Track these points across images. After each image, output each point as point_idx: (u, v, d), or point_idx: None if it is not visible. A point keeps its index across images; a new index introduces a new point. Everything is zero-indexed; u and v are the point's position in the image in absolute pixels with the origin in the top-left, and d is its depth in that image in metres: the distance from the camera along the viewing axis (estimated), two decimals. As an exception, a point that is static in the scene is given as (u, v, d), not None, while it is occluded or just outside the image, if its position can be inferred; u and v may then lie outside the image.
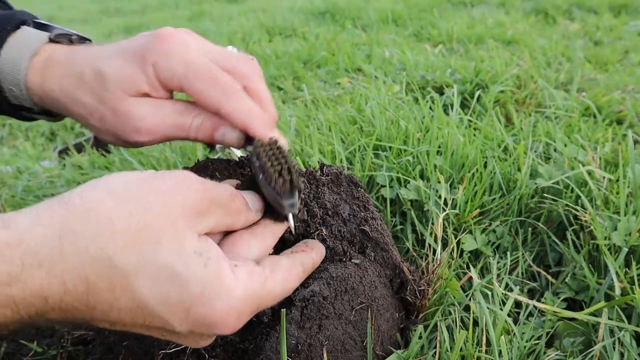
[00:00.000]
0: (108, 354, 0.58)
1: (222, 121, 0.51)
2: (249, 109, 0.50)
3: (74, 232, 0.33)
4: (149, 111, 0.51)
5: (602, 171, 0.84)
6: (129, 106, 0.50)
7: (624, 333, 0.59)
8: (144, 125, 0.51)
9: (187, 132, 0.52)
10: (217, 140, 0.53)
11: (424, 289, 0.62)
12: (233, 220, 0.43)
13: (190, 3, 4.50)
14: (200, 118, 0.52)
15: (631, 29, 2.09)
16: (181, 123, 0.52)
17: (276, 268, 0.43)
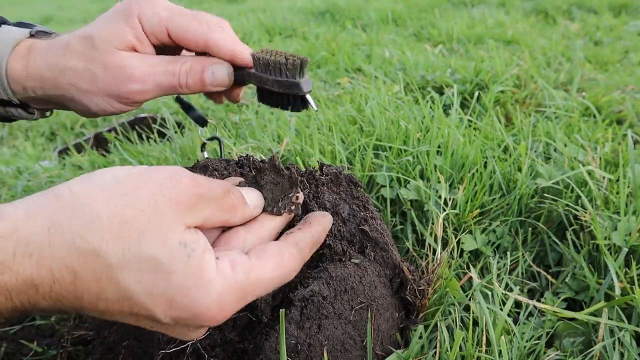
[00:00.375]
0: (108, 354, 0.58)
1: (209, 60, 0.54)
2: (234, 38, 0.54)
3: (62, 224, 0.34)
4: (139, 61, 0.53)
5: (602, 171, 0.84)
6: (119, 58, 0.52)
7: (624, 333, 0.59)
8: (137, 71, 0.52)
9: (177, 77, 0.53)
10: (207, 82, 0.54)
11: (424, 288, 0.62)
12: (228, 216, 0.42)
13: (190, 3, 4.50)
14: (188, 63, 0.54)
15: (631, 29, 2.09)
16: (171, 69, 0.53)
17: (263, 255, 0.42)
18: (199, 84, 0.54)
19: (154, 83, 0.53)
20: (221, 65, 0.55)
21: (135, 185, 0.36)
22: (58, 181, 1.20)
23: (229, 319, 0.52)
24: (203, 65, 0.54)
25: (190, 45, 0.54)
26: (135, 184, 0.36)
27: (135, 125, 1.57)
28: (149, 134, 1.38)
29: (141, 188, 0.36)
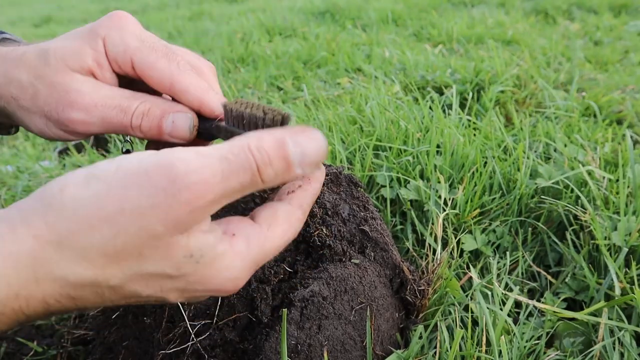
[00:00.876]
0: (108, 354, 0.58)
1: (172, 106, 0.47)
2: (204, 85, 0.47)
3: (47, 262, 0.32)
4: (89, 88, 0.46)
5: (602, 171, 0.84)
6: (69, 80, 0.46)
7: (624, 333, 0.59)
8: (81, 100, 0.45)
9: (129, 117, 0.46)
10: (165, 131, 0.46)
11: (424, 288, 0.62)
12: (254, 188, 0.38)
13: (190, 3, 4.50)
14: (147, 103, 0.46)
15: (631, 29, 2.09)
16: (125, 106, 0.46)
17: (274, 223, 0.40)
18: (154, 130, 0.47)
19: (100, 116, 0.46)
20: (184, 115, 0.46)
21: (119, 208, 0.32)
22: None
23: (230, 319, 0.52)
24: (164, 111, 0.46)
25: (154, 85, 0.47)
26: (119, 205, 0.32)
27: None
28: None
29: (127, 212, 0.32)
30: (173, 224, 0.32)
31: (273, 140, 0.35)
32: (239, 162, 0.33)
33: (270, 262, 0.55)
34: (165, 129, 0.46)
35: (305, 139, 0.36)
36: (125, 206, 0.31)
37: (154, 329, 0.53)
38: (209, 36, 2.55)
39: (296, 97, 1.55)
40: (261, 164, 0.34)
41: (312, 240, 0.57)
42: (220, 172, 0.33)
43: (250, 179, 0.34)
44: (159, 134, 0.47)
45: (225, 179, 0.33)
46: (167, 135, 0.47)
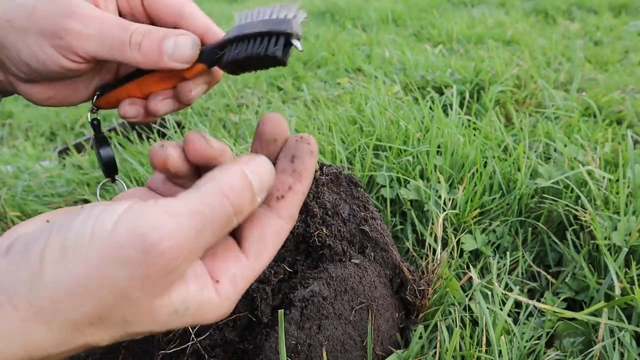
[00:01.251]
0: (108, 354, 0.58)
1: (174, 31, 0.44)
2: (200, 14, 0.48)
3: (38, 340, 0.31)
4: (91, 6, 0.44)
5: (602, 171, 0.84)
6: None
7: (624, 333, 0.59)
8: (81, 10, 0.43)
9: (129, 34, 0.44)
10: (165, 52, 0.43)
11: (424, 288, 0.62)
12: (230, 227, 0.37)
13: (190, 3, 4.51)
14: (149, 27, 0.44)
15: (631, 29, 2.09)
16: (126, 25, 0.44)
17: (263, 249, 0.38)
18: (154, 53, 0.44)
19: (99, 29, 0.43)
20: (187, 36, 0.44)
21: (99, 284, 0.31)
22: (58, 181, 1.20)
23: (230, 319, 0.52)
24: (165, 33, 0.44)
25: (162, 15, 0.47)
26: (98, 282, 0.31)
27: (135, 125, 1.57)
28: (149, 134, 1.38)
29: (106, 287, 0.31)
30: (152, 290, 0.32)
31: (239, 178, 0.34)
32: (214, 214, 0.33)
33: (270, 262, 0.55)
34: (165, 49, 0.44)
35: (257, 165, 0.35)
36: (104, 282, 0.31)
37: (154, 329, 0.53)
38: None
39: (296, 97, 1.55)
40: (237, 207, 0.33)
41: (312, 240, 0.57)
42: (194, 230, 0.32)
43: (226, 224, 0.34)
44: (158, 56, 0.44)
45: (198, 235, 0.32)
46: (168, 58, 0.44)
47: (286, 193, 0.40)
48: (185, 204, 0.32)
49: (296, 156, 0.43)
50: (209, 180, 0.34)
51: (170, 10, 0.47)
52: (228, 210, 0.33)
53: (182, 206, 0.32)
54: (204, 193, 0.33)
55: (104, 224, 0.31)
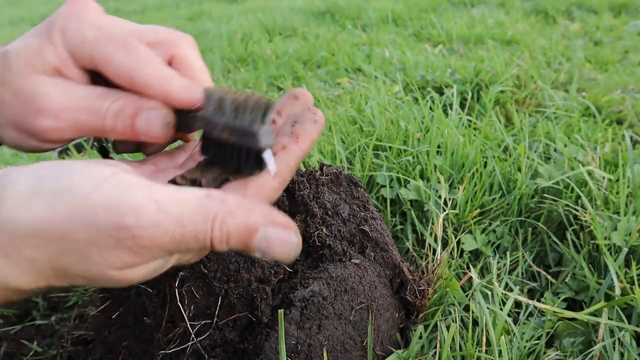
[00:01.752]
0: (108, 354, 0.58)
1: (145, 103, 0.41)
2: (168, 74, 0.41)
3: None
4: (57, 91, 0.41)
5: (602, 171, 0.84)
6: (34, 84, 0.40)
7: (624, 333, 0.59)
8: (49, 105, 0.40)
9: (103, 119, 0.41)
10: (139, 130, 0.41)
11: (424, 288, 0.62)
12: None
13: (190, 3, 4.50)
14: (120, 102, 0.41)
15: (631, 29, 2.09)
16: (97, 106, 0.41)
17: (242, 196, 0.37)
18: (129, 130, 0.41)
19: (72, 120, 0.41)
20: (157, 112, 0.41)
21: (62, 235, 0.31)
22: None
23: (230, 319, 0.52)
24: (137, 108, 0.41)
25: (115, 80, 0.41)
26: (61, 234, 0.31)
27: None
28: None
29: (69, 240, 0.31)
30: (113, 262, 0.31)
31: (244, 224, 0.32)
32: (193, 232, 0.32)
33: (270, 262, 0.55)
34: (139, 128, 0.41)
35: (278, 239, 0.33)
36: (68, 236, 0.30)
37: (154, 329, 0.53)
38: (209, 36, 2.55)
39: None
40: (217, 242, 0.32)
41: (312, 240, 0.57)
42: (171, 237, 0.31)
43: (200, 247, 0.33)
44: (134, 134, 0.41)
45: (174, 244, 0.32)
46: (142, 135, 0.41)
47: (279, 151, 0.40)
48: (177, 205, 0.32)
49: (298, 122, 0.43)
50: (217, 203, 0.32)
51: (120, 78, 0.41)
52: (206, 238, 0.32)
53: (174, 207, 0.31)
54: (199, 210, 0.32)
55: (84, 182, 0.31)
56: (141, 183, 0.32)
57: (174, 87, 0.41)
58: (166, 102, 0.41)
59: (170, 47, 0.44)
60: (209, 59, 2.05)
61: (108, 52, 0.40)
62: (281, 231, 0.33)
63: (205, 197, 0.32)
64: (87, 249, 0.31)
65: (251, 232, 0.32)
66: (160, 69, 0.41)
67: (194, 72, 0.44)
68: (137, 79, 0.40)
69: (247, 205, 0.33)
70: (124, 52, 0.40)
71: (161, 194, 0.32)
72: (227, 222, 0.32)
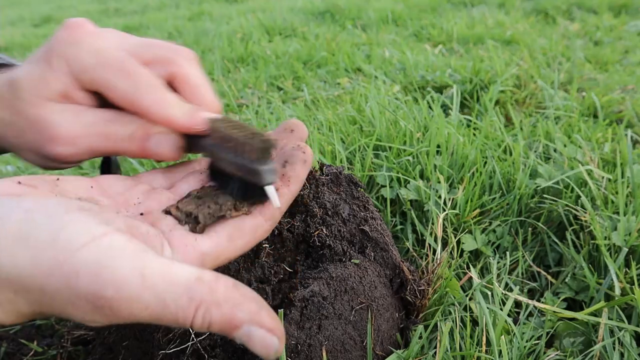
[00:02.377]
0: (108, 354, 0.58)
1: (155, 127, 0.43)
2: (168, 100, 0.41)
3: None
4: (69, 118, 0.42)
5: (602, 171, 0.84)
6: (45, 112, 0.41)
7: (624, 333, 0.59)
8: (62, 133, 0.41)
9: (115, 142, 0.42)
10: (151, 152, 0.43)
11: (424, 288, 0.62)
12: None
13: (190, 3, 4.50)
14: (131, 126, 0.42)
15: (631, 29, 2.09)
16: (108, 132, 0.42)
17: (238, 237, 0.39)
18: (142, 152, 0.43)
19: (86, 146, 0.42)
20: (167, 136, 0.42)
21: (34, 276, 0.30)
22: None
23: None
24: (147, 133, 0.42)
25: (120, 105, 0.42)
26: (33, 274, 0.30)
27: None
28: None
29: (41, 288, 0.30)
30: (91, 319, 0.31)
31: (228, 318, 0.31)
32: (174, 314, 0.31)
33: (270, 262, 0.55)
34: (150, 150, 0.43)
35: (259, 341, 0.32)
36: (46, 291, 0.30)
37: (154, 329, 0.53)
38: (209, 36, 2.55)
39: (296, 97, 1.55)
40: (197, 326, 0.31)
41: (312, 240, 0.57)
42: (149, 313, 0.30)
43: (178, 326, 0.32)
44: (146, 155, 0.43)
45: (152, 318, 0.31)
46: (154, 155, 0.43)
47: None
48: (164, 283, 0.30)
49: (289, 162, 0.45)
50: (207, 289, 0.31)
51: (124, 104, 0.42)
52: (186, 321, 0.31)
53: (160, 284, 0.30)
54: (184, 293, 0.31)
55: (71, 239, 0.30)
56: (131, 250, 0.31)
57: (175, 115, 0.41)
58: (169, 127, 0.42)
59: (170, 65, 0.44)
60: (208, 59, 2.05)
61: (107, 78, 0.41)
62: (264, 333, 0.31)
63: (195, 281, 0.31)
64: (64, 305, 0.30)
65: (233, 327, 0.31)
66: (160, 95, 0.41)
67: (196, 90, 0.45)
68: (138, 106, 0.41)
69: (235, 300, 0.31)
70: (123, 78, 0.41)
71: (150, 267, 0.30)
72: (211, 312, 0.31)
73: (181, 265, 0.32)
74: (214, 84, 1.73)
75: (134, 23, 3.59)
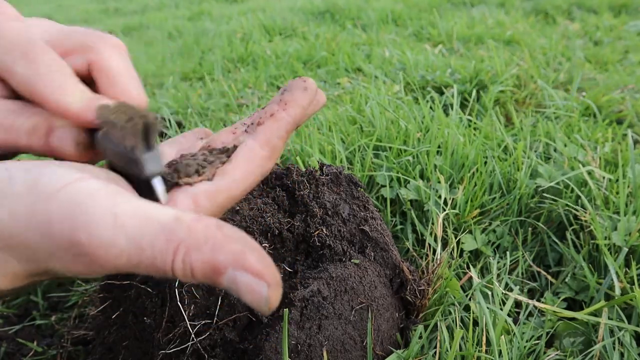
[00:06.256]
0: (108, 354, 0.58)
1: (58, 121, 0.37)
2: (66, 87, 0.36)
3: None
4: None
5: (602, 171, 0.84)
6: None
7: (624, 333, 0.59)
8: None
9: (16, 136, 0.37)
10: (54, 148, 0.37)
11: (424, 288, 0.62)
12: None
13: (190, 3, 4.50)
14: (33, 119, 0.37)
15: (631, 29, 2.09)
16: (9, 123, 0.37)
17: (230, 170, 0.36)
18: (44, 149, 0.37)
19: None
20: (68, 130, 0.36)
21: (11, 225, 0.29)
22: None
23: (230, 319, 0.52)
24: (50, 126, 0.37)
25: (21, 94, 0.37)
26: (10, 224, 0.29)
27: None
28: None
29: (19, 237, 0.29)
30: (71, 268, 0.29)
31: (209, 262, 0.27)
32: (151, 259, 0.28)
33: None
34: (53, 144, 0.37)
35: (245, 286, 0.27)
36: (27, 244, 0.29)
37: (154, 329, 0.53)
38: (209, 36, 2.55)
39: (296, 97, 1.55)
40: (179, 274, 0.28)
41: (312, 240, 0.57)
42: (127, 259, 0.28)
43: (161, 275, 0.29)
44: (50, 152, 0.37)
45: (132, 267, 0.28)
46: (59, 153, 0.37)
47: (266, 119, 0.38)
48: (138, 224, 0.28)
49: (287, 90, 0.41)
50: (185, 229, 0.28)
51: (21, 91, 0.37)
52: (166, 266, 0.28)
53: (134, 224, 0.28)
54: (162, 235, 0.28)
55: (45, 186, 0.29)
56: (106, 190, 0.29)
57: (69, 103, 0.36)
58: (66, 119, 0.37)
59: (88, 52, 0.39)
60: (208, 59, 2.05)
61: (8, 62, 0.36)
62: (250, 278, 0.27)
63: (173, 221, 0.28)
64: (47, 259, 0.29)
65: (217, 272, 0.27)
66: (60, 83, 0.36)
67: (115, 80, 0.39)
68: (36, 93, 0.36)
69: (217, 241, 0.28)
70: (25, 61, 0.36)
71: (124, 205, 0.28)
72: (190, 255, 0.27)
73: (158, 206, 0.29)
74: (214, 84, 1.73)
75: (134, 23, 3.59)
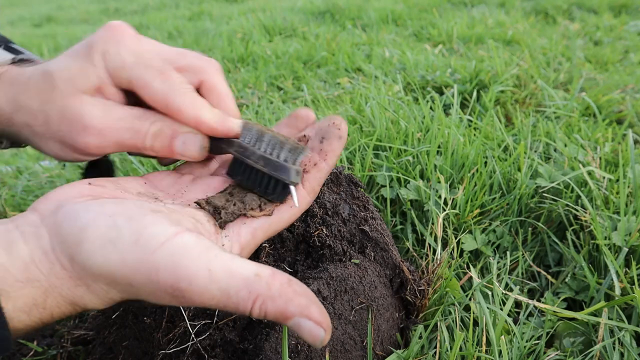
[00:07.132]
0: (108, 354, 0.58)
1: (182, 127, 0.46)
2: (200, 103, 0.45)
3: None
4: (100, 110, 0.45)
5: (602, 171, 0.84)
6: (79, 103, 0.44)
7: (624, 333, 0.59)
8: (94, 123, 0.44)
9: (143, 138, 0.45)
10: (176, 151, 0.46)
11: (424, 288, 0.62)
12: None
13: (190, 3, 4.50)
14: (158, 124, 0.45)
15: (631, 29, 2.09)
16: (137, 127, 0.45)
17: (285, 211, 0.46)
18: (166, 150, 0.46)
19: (114, 139, 0.45)
20: (194, 136, 0.46)
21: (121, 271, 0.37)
22: (58, 181, 1.20)
23: (230, 319, 0.52)
24: (174, 131, 0.46)
25: (151, 104, 0.45)
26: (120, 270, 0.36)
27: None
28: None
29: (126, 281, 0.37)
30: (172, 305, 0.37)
31: (281, 310, 0.36)
32: (236, 304, 0.35)
33: (270, 262, 0.55)
34: (176, 149, 0.46)
35: (307, 331, 0.36)
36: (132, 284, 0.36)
37: (154, 329, 0.53)
38: (209, 36, 2.54)
39: (296, 97, 1.55)
40: (254, 315, 0.36)
41: (312, 240, 0.57)
42: (216, 302, 0.35)
43: (237, 311, 0.36)
44: (171, 153, 0.46)
45: (218, 306, 0.36)
46: (179, 155, 0.46)
47: (311, 168, 0.47)
48: (228, 277, 0.35)
49: (325, 138, 0.49)
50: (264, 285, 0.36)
51: (156, 104, 0.45)
52: (245, 313, 0.36)
53: (225, 278, 0.35)
54: (241, 277, 0.36)
55: (150, 240, 0.35)
56: (200, 247, 0.36)
57: (206, 116, 0.45)
58: (197, 128, 0.46)
59: (200, 73, 0.48)
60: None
61: (146, 78, 0.44)
62: (312, 325, 0.36)
63: (254, 277, 0.36)
64: (147, 294, 0.36)
65: (286, 318, 0.36)
66: (193, 98, 0.45)
67: (221, 98, 0.49)
68: (172, 106, 0.45)
69: (288, 295, 0.36)
70: (160, 79, 0.44)
71: (215, 261, 0.36)
72: (266, 304, 0.35)
73: (242, 262, 0.37)
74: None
75: (134, 23, 3.58)
